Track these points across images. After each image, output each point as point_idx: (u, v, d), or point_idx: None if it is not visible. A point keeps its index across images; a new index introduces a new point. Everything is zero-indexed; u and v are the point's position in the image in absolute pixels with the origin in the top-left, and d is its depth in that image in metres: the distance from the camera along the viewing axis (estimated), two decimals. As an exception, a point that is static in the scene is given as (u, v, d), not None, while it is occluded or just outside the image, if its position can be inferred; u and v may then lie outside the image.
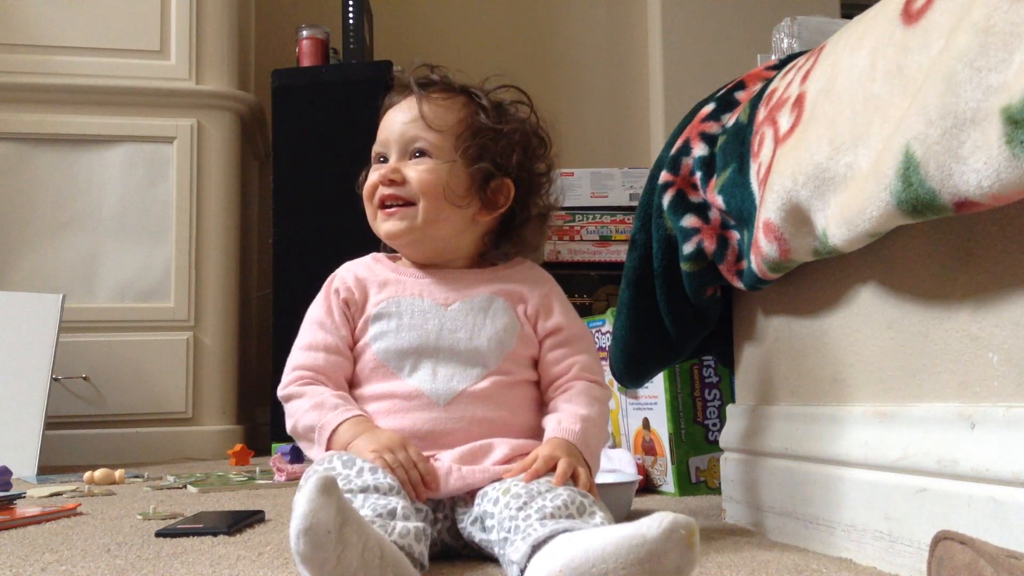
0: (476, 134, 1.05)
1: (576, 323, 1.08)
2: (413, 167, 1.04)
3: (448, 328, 1.02)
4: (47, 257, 2.52)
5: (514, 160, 1.06)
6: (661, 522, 0.68)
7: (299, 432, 1.02)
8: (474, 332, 1.02)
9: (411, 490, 0.90)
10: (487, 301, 1.04)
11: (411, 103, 1.06)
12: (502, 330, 1.03)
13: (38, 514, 1.29)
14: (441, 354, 1.01)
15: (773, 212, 0.93)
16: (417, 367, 1.01)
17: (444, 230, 1.05)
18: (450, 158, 1.04)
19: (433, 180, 1.03)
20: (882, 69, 0.82)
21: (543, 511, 0.81)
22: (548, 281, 1.10)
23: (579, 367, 1.05)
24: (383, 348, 1.02)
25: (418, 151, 1.04)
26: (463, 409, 0.99)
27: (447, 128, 1.05)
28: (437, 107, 1.06)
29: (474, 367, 1.01)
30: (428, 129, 1.04)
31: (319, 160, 2.59)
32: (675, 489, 1.51)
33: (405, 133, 1.05)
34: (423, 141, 1.04)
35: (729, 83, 1.20)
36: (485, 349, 1.02)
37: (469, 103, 1.07)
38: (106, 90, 2.56)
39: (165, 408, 2.53)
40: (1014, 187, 0.65)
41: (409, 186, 1.04)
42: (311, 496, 0.68)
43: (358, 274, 1.08)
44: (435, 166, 1.04)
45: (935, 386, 0.83)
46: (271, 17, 3.26)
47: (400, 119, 1.06)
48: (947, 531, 0.65)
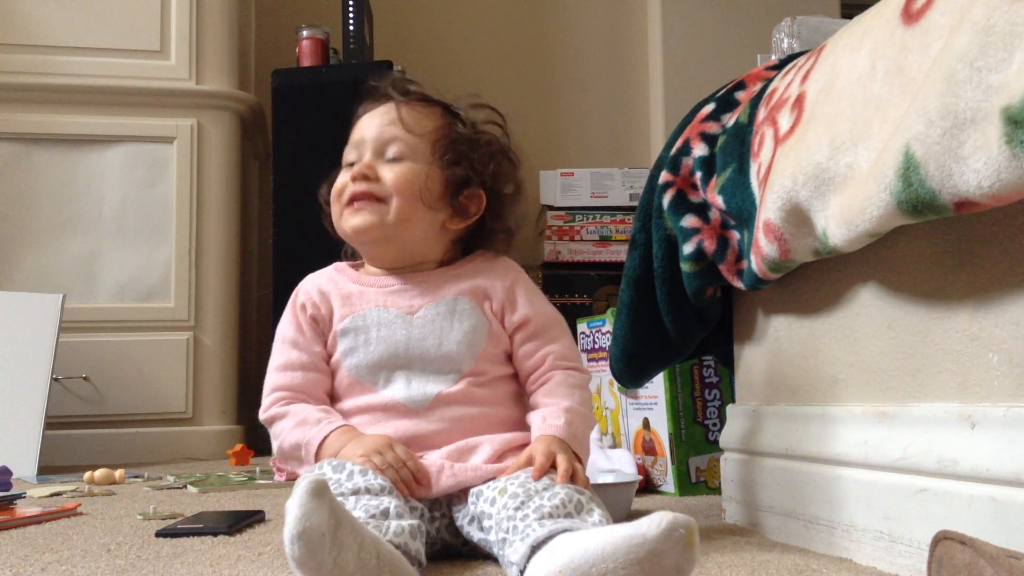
0: (453, 141, 1.05)
1: (544, 311, 1.06)
2: (388, 167, 1.03)
3: (416, 337, 1.01)
4: (47, 257, 2.52)
5: (490, 170, 1.06)
6: (661, 522, 0.68)
7: (285, 452, 1.00)
8: (443, 338, 1.01)
9: (404, 489, 0.90)
10: (452, 304, 1.03)
11: (388, 108, 1.06)
12: (471, 331, 1.02)
13: (38, 514, 1.29)
14: (413, 364, 1.01)
15: (773, 212, 0.93)
16: (391, 379, 1.01)
17: (414, 232, 1.04)
18: (427, 161, 1.03)
19: (410, 179, 1.02)
20: (882, 69, 0.82)
21: (541, 511, 0.81)
22: (511, 270, 1.08)
23: (553, 356, 1.04)
24: (354, 364, 1.02)
25: (395, 156, 1.03)
26: (442, 412, 0.99)
27: (425, 133, 1.04)
28: (415, 112, 1.05)
29: (448, 372, 1.01)
30: (406, 132, 1.03)
31: (319, 160, 2.56)
32: (675, 489, 1.51)
33: (382, 134, 1.04)
34: (400, 143, 1.03)
35: (729, 83, 1.20)
36: (456, 353, 1.01)
37: (446, 113, 1.07)
38: (106, 90, 2.56)
39: (165, 408, 2.53)
40: (1014, 187, 0.65)
41: (383, 184, 1.02)
42: (302, 500, 0.68)
43: (322, 287, 1.06)
44: (411, 167, 1.03)
45: (935, 386, 0.83)
46: (271, 17, 3.26)
47: (376, 122, 1.05)
48: (947, 531, 0.65)
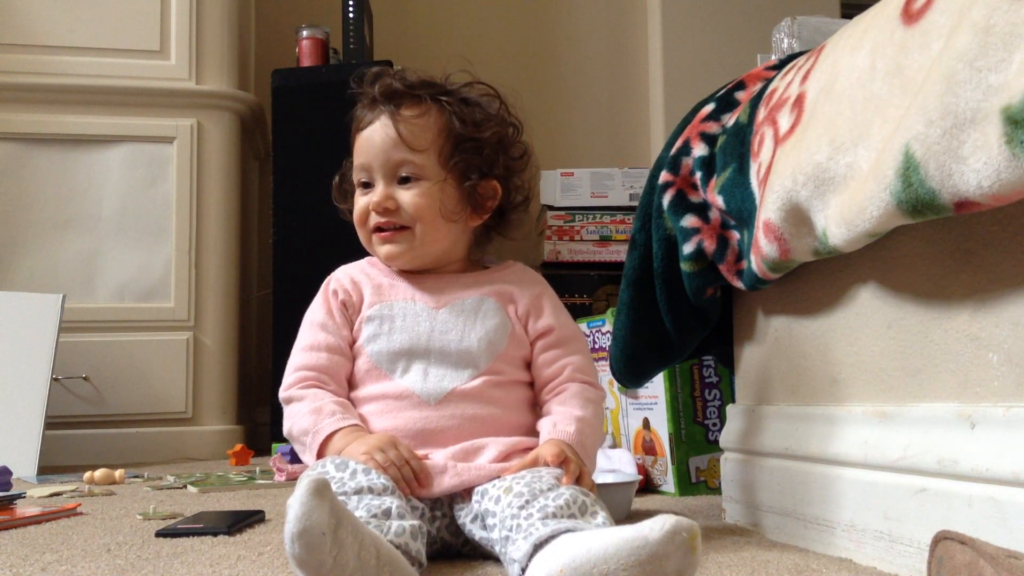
0: (458, 145, 1.04)
1: (568, 324, 1.09)
2: (404, 192, 1.04)
3: (439, 330, 1.03)
4: (47, 257, 2.52)
5: (500, 163, 1.07)
6: (663, 525, 0.68)
7: (294, 435, 1.02)
8: (464, 333, 1.03)
9: (405, 487, 0.90)
10: (477, 302, 1.05)
11: (384, 122, 1.04)
12: (492, 330, 1.04)
13: (38, 514, 1.29)
14: (432, 355, 1.02)
15: (773, 212, 0.93)
16: (409, 368, 1.02)
17: (442, 245, 1.06)
18: (439, 176, 1.04)
19: (428, 203, 1.03)
20: (882, 69, 0.82)
21: (545, 510, 0.81)
22: (539, 282, 1.10)
23: (572, 368, 1.05)
24: (376, 350, 1.03)
25: (407, 177, 1.04)
26: (454, 407, 1.00)
27: (429, 145, 1.04)
28: (413, 126, 1.04)
29: (465, 368, 1.02)
30: (411, 151, 1.03)
31: (319, 160, 2.56)
32: (675, 489, 1.51)
33: (389, 159, 1.03)
34: (410, 166, 1.03)
35: (729, 83, 1.20)
36: (476, 350, 1.02)
37: (441, 111, 1.06)
38: (106, 90, 2.56)
39: (165, 408, 2.53)
40: (1014, 187, 0.65)
41: (403, 212, 1.04)
42: (304, 499, 0.68)
43: (354, 277, 1.09)
44: (427, 189, 1.03)
45: (935, 386, 0.83)
46: (271, 17, 3.26)
47: (378, 143, 1.04)
48: (947, 531, 0.65)
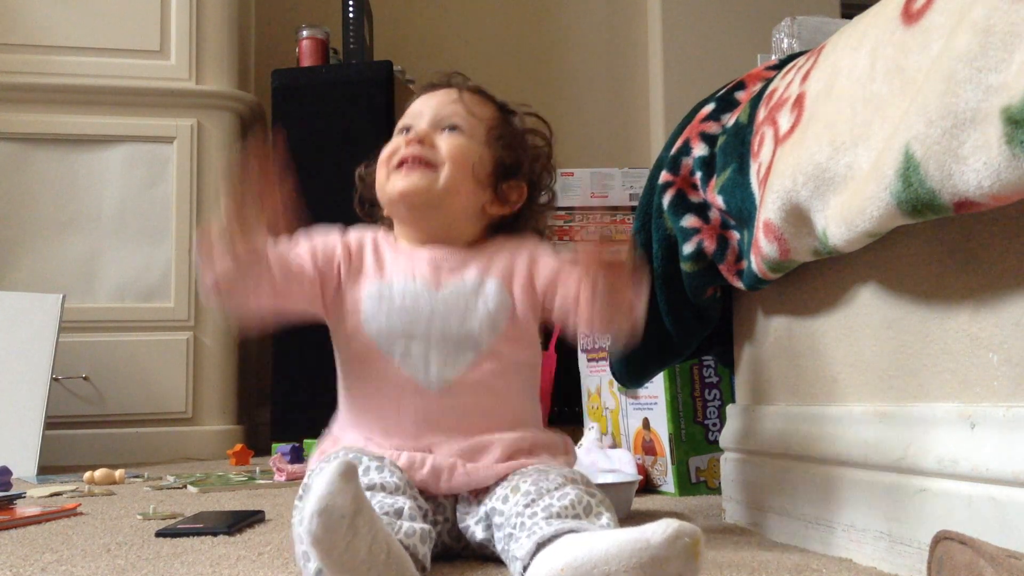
0: (507, 131, 1.09)
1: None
2: (445, 137, 1.05)
3: (440, 312, 1.01)
4: (47, 257, 2.52)
5: (537, 166, 1.10)
6: (666, 529, 0.68)
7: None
8: (466, 315, 1.01)
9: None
10: (478, 283, 1.03)
11: (449, 91, 1.09)
12: (494, 311, 1.02)
13: (38, 514, 1.29)
14: (432, 338, 1.00)
15: (773, 212, 0.93)
16: (409, 351, 1.00)
17: (458, 204, 1.05)
18: (481, 141, 1.06)
19: (465, 151, 1.04)
20: (882, 69, 0.82)
21: (550, 510, 0.82)
22: (533, 241, 1.09)
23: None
24: (375, 328, 1.01)
25: (452, 126, 1.06)
26: (455, 397, 0.99)
27: (483, 117, 1.08)
28: (475, 98, 1.09)
29: (466, 351, 1.00)
30: (467, 112, 1.06)
31: (319, 160, 2.58)
32: (675, 489, 1.51)
33: (442, 109, 1.07)
34: (460, 118, 1.06)
35: (729, 83, 1.20)
36: (476, 332, 1.01)
37: (501, 110, 1.11)
38: (106, 90, 2.56)
39: (165, 408, 2.53)
40: (1014, 187, 0.65)
41: (437, 151, 1.04)
42: (331, 479, 0.68)
43: (363, 241, 1.08)
44: (468, 142, 1.05)
45: (935, 386, 0.83)
46: (271, 17, 3.25)
47: (437, 100, 1.08)
48: (947, 531, 0.65)
